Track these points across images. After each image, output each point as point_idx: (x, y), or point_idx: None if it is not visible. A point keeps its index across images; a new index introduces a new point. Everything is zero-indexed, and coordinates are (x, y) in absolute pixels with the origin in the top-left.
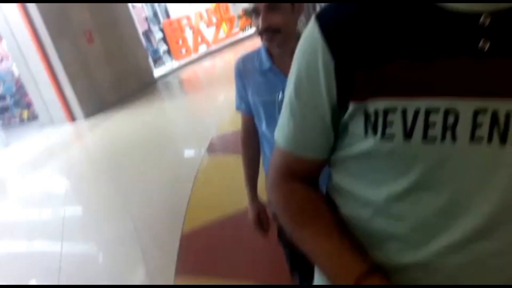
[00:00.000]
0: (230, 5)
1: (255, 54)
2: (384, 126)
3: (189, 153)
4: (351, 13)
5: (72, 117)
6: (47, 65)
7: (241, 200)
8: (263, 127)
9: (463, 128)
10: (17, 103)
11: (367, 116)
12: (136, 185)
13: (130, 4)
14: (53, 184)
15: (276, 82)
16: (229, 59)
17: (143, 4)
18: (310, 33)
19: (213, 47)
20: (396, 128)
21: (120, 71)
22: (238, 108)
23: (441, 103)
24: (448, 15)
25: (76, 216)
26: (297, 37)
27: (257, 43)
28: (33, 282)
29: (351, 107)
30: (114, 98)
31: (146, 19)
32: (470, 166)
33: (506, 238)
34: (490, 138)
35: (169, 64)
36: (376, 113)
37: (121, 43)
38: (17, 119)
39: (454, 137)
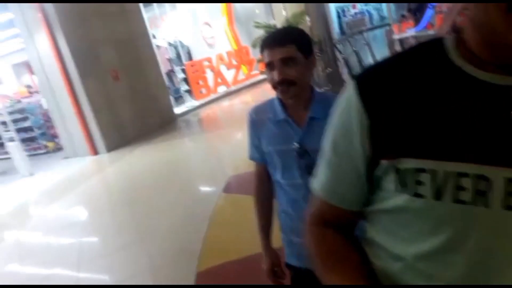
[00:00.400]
0: (250, 48)
1: (267, 104)
2: (415, 185)
3: (205, 191)
4: (387, 78)
5: (95, 151)
6: (74, 100)
7: (256, 243)
8: (278, 176)
9: (495, 195)
10: (43, 135)
11: (398, 173)
12: (153, 220)
13: (155, 46)
14: (72, 214)
15: (290, 133)
16: (247, 100)
17: (167, 45)
18: (348, 93)
19: (232, 88)
20: (426, 188)
21: (142, 108)
22: (251, 157)
23: (471, 169)
24: (479, 84)
25: (93, 247)
26: (311, 89)
27: None
28: None
29: (383, 164)
30: (136, 134)
31: (169, 60)
32: (500, 234)
33: None
34: None
35: (189, 103)
36: (407, 172)
37: (145, 81)
38: (43, 150)
39: (485, 204)
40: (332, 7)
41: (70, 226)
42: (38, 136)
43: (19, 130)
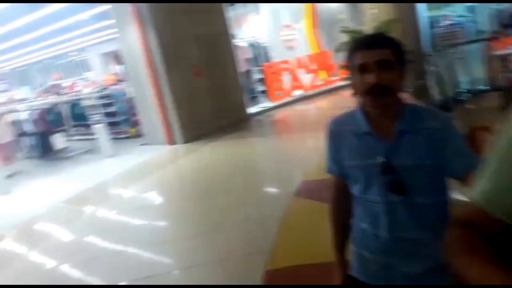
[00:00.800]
0: (332, 53)
1: (349, 116)
2: None
3: (274, 192)
4: None
5: (171, 141)
6: (157, 91)
7: (328, 252)
8: (357, 190)
9: None
10: (126, 121)
11: None
12: (221, 214)
13: (235, 45)
14: (146, 197)
15: (374, 146)
16: (323, 106)
17: (247, 45)
18: None
19: (309, 92)
20: None
21: (218, 105)
22: (329, 171)
23: None
24: None
25: (163, 231)
26: (399, 100)
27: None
28: (117, 281)
29: None
30: (210, 129)
31: (248, 60)
32: None
33: None
34: None
35: (263, 104)
36: None
37: (223, 79)
38: (124, 135)
39: None
40: (426, 16)
41: (143, 208)
42: (121, 122)
43: (105, 114)
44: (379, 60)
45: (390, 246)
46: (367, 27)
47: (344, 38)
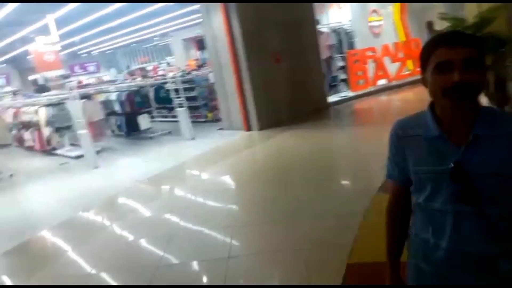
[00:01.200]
0: (422, 42)
1: (417, 118)
2: None
3: (354, 186)
4: None
5: (248, 127)
6: (237, 78)
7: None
8: (421, 198)
9: None
10: (205, 105)
11: None
12: (298, 203)
13: (317, 31)
14: (221, 181)
15: (445, 152)
16: (408, 98)
17: (330, 32)
18: None
19: (394, 82)
20: None
21: (297, 92)
22: (390, 176)
23: None
24: None
25: (237, 214)
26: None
27: None
28: (193, 259)
29: None
30: (288, 116)
31: (330, 46)
32: None
33: None
34: None
35: (344, 93)
36: None
37: (303, 67)
38: (202, 119)
39: None
40: None
41: (219, 191)
42: (201, 106)
43: (186, 99)
44: (465, 58)
45: (452, 258)
46: (468, 14)
47: (443, 25)
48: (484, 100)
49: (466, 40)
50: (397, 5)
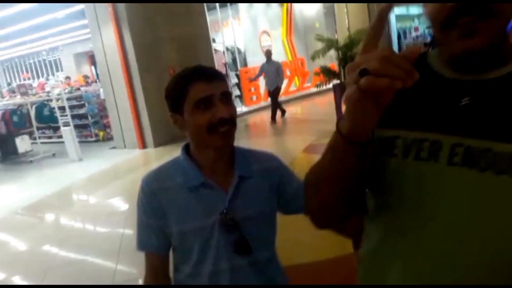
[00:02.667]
0: (306, 61)
1: (171, 167)
2: (393, 147)
3: None
4: None
5: (143, 144)
6: (130, 94)
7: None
8: (188, 266)
9: (442, 154)
10: (96, 123)
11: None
12: None
13: (213, 49)
14: (114, 204)
15: (213, 200)
16: (296, 111)
17: (225, 50)
18: None
19: (283, 98)
20: (398, 149)
21: None
22: (144, 247)
23: (430, 136)
24: (445, 80)
25: (126, 238)
26: None
27: (326, 99)
28: None
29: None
30: (181, 133)
31: (225, 64)
32: (444, 181)
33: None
34: (467, 165)
35: (238, 108)
36: (387, 139)
37: None
38: (93, 138)
39: (436, 160)
40: (394, 27)
41: (111, 215)
42: (91, 124)
43: (74, 116)
44: (224, 91)
45: None
46: (340, 36)
47: (319, 46)
48: None
49: (218, 74)
50: (285, 26)
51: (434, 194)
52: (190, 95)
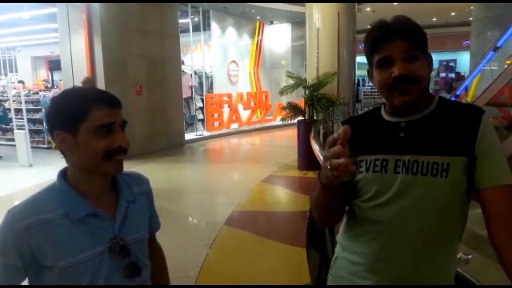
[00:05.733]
0: (270, 94)
1: (47, 199)
2: (360, 166)
3: (205, 219)
4: (355, 121)
5: None
6: None
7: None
8: None
9: (389, 167)
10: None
11: (357, 163)
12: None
13: (181, 71)
14: None
15: (101, 228)
16: (255, 142)
17: (192, 73)
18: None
19: (244, 127)
20: (363, 167)
21: (156, 127)
22: None
23: (380, 157)
24: (387, 122)
25: None
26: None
27: (285, 133)
28: None
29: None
30: (145, 149)
31: (191, 87)
32: (394, 184)
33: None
34: (405, 172)
35: (200, 132)
36: (358, 162)
37: (164, 103)
38: (45, 145)
39: (385, 171)
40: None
41: None
42: (45, 130)
43: (28, 120)
44: (124, 120)
45: None
46: (308, 75)
47: (283, 81)
48: None
49: (120, 101)
50: (253, 59)
51: (387, 191)
52: (93, 118)
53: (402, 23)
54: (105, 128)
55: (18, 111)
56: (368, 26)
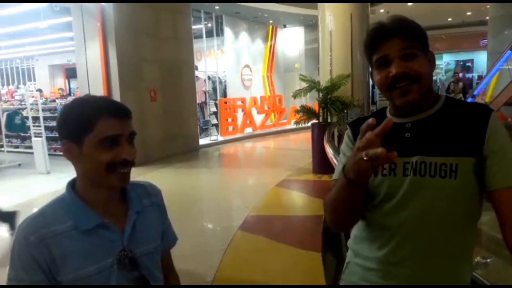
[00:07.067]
0: (283, 98)
1: (57, 211)
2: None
3: (220, 224)
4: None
5: None
6: None
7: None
8: None
9: (398, 169)
10: None
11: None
12: None
13: (195, 76)
14: None
15: (111, 239)
16: (269, 146)
17: (206, 78)
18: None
19: (258, 131)
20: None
21: (171, 132)
22: None
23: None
24: (395, 123)
25: None
26: None
27: (299, 136)
28: None
29: None
30: (160, 155)
31: (205, 92)
32: (403, 187)
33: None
34: (413, 174)
35: (214, 137)
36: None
37: (179, 108)
38: (62, 152)
39: (394, 173)
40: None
41: None
42: None
43: (45, 128)
44: (131, 132)
45: None
46: (322, 78)
47: (297, 85)
48: None
49: (129, 112)
50: (266, 63)
51: (396, 194)
52: (98, 129)
53: (399, 22)
54: (111, 141)
55: (35, 119)
56: None
